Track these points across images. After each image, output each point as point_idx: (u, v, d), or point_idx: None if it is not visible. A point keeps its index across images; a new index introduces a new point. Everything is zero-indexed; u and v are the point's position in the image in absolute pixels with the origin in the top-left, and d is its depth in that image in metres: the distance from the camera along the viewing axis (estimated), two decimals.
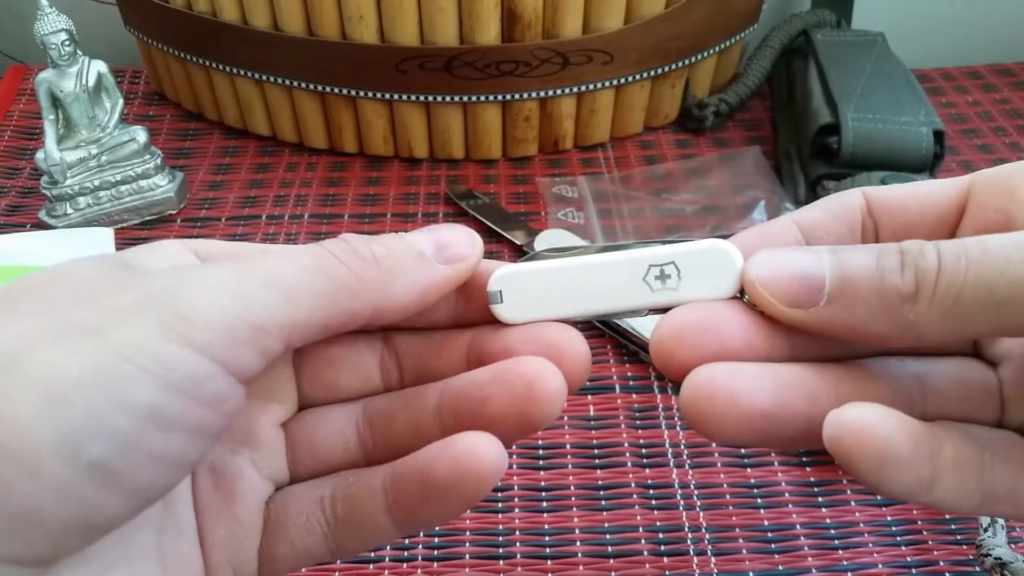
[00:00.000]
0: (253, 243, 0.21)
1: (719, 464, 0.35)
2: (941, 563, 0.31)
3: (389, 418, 0.21)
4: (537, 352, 0.19)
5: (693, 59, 0.52)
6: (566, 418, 0.37)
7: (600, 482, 0.34)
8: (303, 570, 0.31)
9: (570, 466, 0.35)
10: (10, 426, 0.14)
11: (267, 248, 0.21)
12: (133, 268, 0.18)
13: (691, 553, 0.32)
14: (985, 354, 0.20)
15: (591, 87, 0.50)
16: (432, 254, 0.19)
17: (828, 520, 0.33)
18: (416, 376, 0.22)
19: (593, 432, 0.36)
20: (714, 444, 0.36)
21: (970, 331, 0.17)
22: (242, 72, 0.51)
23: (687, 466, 0.35)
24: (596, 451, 0.36)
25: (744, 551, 0.32)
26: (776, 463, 0.35)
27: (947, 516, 0.33)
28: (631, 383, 0.39)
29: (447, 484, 0.18)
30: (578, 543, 0.32)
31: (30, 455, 0.14)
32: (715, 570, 0.31)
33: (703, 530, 0.33)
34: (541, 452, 0.36)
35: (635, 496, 0.34)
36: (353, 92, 0.49)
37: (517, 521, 0.33)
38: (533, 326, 0.20)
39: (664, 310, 0.19)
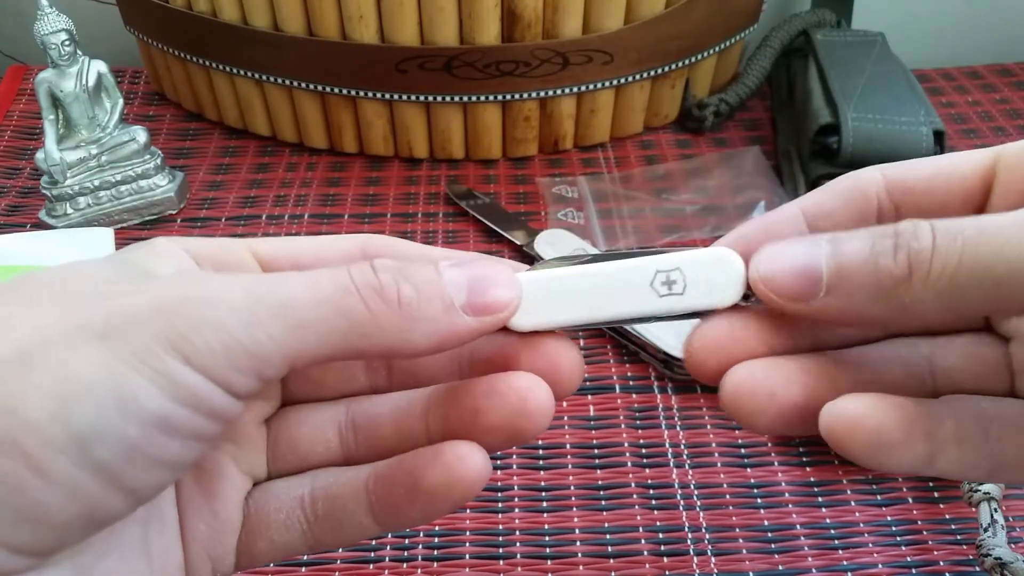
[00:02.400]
0: (243, 240, 0.20)
1: (719, 464, 0.35)
2: (941, 563, 0.31)
3: (374, 420, 0.21)
4: (536, 361, 0.19)
5: (693, 59, 0.52)
6: (566, 418, 0.37)
7: (600, 482, 0.34)
8: (303, 570, 0.31)
9: (570, 466, 0.35)
10: (24, 424, 0.15)
11: (257, 246, 0.20)
12: (142, 272, 0.18)
13: (691, 553, 0.32)
14: (998, 330, 0.21)
15: (591, 87, 0.50)
16: (464, 300, 0.18)
17: (828, 520, 0.33)
18: (405, 378, 0.22)
19: (593, 432, 0.36)
20: (713, 444, 0.36)
21: (968, 309, 0.17)
22: (242, 72, 0.51)
23: (687, 466, 0.35)
24: (596, 451, 0.36)
25: (744, 551, 0.32)
26: (776, 463, 0.35)
27: (947, 516, 0.33)
28: (631, 383, 0.39)
29: (437, 489, 0.19)
30: (578, 543, 0.32)
31: (42, 453, 0.15)
32: (715, 570, 0.31)
33: (703, 530, 0.33)
34: (541, 452, 0.36)
35: (635, 496, 0.34)
36: (353, 92, 0.49)
37: (517, 521, 0.33)
38: (530, 338, 0.20)
39: (670, 317, 0.20)
